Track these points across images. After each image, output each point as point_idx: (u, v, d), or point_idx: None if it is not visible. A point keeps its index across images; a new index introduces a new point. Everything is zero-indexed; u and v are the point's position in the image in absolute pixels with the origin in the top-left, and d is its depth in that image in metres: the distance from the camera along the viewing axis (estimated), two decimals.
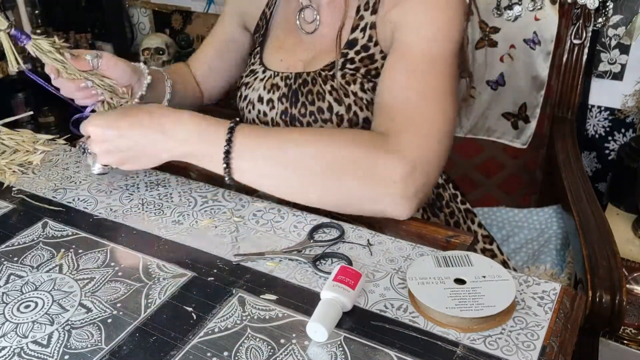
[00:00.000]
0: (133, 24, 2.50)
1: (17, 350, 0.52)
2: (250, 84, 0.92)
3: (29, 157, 0.88)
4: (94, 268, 0.63)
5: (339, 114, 0.83)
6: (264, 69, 0.92)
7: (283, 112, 0.87)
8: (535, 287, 0.57)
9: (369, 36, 0.84)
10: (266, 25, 0.96)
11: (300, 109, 0.85)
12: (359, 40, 0.84)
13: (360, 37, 0.84)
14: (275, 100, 0.88)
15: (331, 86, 0.84)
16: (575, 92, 1.32)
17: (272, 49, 0.94)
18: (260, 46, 0.96)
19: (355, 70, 0.83)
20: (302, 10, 0.90)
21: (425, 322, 0.53)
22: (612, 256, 0.85)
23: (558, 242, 1.11)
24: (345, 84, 0.83)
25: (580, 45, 1.30)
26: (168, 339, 0.53)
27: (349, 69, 0.84)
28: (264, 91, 0.90)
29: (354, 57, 0.84)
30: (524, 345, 0.50)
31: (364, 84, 0.83)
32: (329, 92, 0.84)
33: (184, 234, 0.69)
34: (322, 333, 0.51)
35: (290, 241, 0.67)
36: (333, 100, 0.83)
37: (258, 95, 0.90)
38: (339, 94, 0.83)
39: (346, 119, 0.83)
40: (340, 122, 0.83)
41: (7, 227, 0.72)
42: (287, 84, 0.88)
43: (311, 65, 0.88)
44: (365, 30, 0.84)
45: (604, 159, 1.59)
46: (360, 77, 0.83)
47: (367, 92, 0.83)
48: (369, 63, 0.84)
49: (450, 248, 0.67)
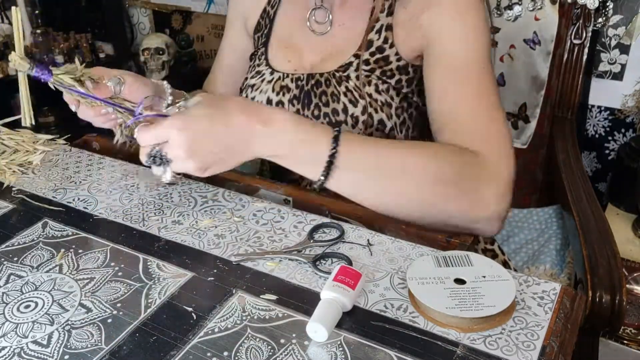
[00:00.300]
0: (133, 24, 2.50)
1: (17, 350, 0.52)
2: (257, 85, 0.91)
3: (29, 157, 0.88)
4: (94, 268, 0.63)
5: (354, 115, 0.83)
6: (272, 71, 0.91)
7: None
8: (535, 287, 0.57)
9: (385, 38, 0.84)
10: (270, 25, 0.95)
11: (314, 111, 0.85)
12: (374, 42, 0.84)
13: (375, 39, 0.84)
14: (285, 102, 0.88)
15: (346, 87, 0.84)
16: (575, 92, 1.32)
17: (278, 48, 0.93)
18: (264, 46, 0.94)
19: (371, 72, 0.84)
20: (314, 10, 0.89)
21: (425, 322, 0.53)
22: (612, 256, 0.85)
23: (558, 242, 1.11)
24: (360, 86, 0.83)
25: (580, 45, 1.30)
26: (168, 339, 0.53)
27: (364, 71, 0.84)
28: (272, 93, 0.89)
29: (369, 59, 0.84)
30: (524, 345, 0.50)
31: (379, 86, 0.83)
32: (343, 93, 0.83)
33: (184, 234, 0.69)
34: (322, 333, 0.51)
35: (290, 241, 0.67)
36: (348, 101, 0.83)
37: (267, 98, 0.89)
38: (354, 96, 0.83)
39: (361, 120, 0.83)
40: (355, 123, 0.83)
41: (7, 227, 0.72)
42: (299, 85, 0.87)
43: (322, 66, 0.87)
44: (380, 32, 0.84)
45: (604, 159, 1.59)
46: (375, 79, 0.83)
47: (381, 93, 0.83)
48: (383, 64, 0.84)
49: (450, 248, 0.67)
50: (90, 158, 0.89)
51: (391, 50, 0.84)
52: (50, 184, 0.82)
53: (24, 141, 0.90)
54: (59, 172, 0.85)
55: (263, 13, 0.96)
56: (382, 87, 0.83)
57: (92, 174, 0.84)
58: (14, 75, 2.19)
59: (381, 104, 0.83)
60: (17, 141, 0.90)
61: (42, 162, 0.88)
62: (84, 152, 0.91)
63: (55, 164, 0.88)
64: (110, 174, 0.84)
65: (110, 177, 0.83)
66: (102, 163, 0.87)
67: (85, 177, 0.84)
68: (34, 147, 0.90)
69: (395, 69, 0.84)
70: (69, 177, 0.84)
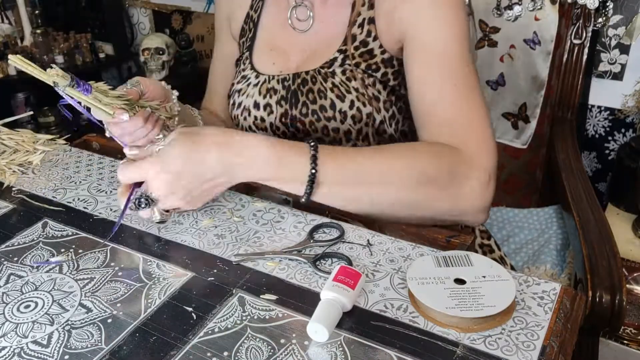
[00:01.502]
0: (133, 24, 2.50)
1: (17, 350, 0.52)
2: (244, 90, 0.91)
3: (29, 157, 0.88)
4: (94, 268, 0.63)
5: (342, 110, 0.83)
6: (257, 74, 0.91)
7: (283, 115, 0.87)
8: (535, 287, 0.57)
9: (368, 31, 0.84)
10: (254, 29, 0.95)
11: (302, 109, 0.85)
12: (357, 36, 0.84)
13: (358, 33, 0.84)
14: (273, 104, 0.88)
15: (332, 83, 0.84)
16: (575, 92, 1.32)
17: (262, 52, 0.93)
18: (248, 50, 0.95)
19: (356, 66, 0.84)
20: (294, 8, 0.89)
21: (425, 322, 0.53)
22: (612, 256, 0.85)
23: (558, 242, 1.11)
24: (346, 80, 0.83)
25: (580, 45, 1.30)
26: (168, 339, 0.53)
27: (348, 65, 0.84)
28: (259, 96, 0.89)
29: (353, 53, 0.84)
30: (524, 345, 0.50)
31: (365, 80, 0.83)
32: (330, 89, 0.84)
33: (184, 234, 0.69)
34: (323, 333, 0.51)
35: (290, 241, 0.67)
36: (335, 97, 0.83)
37: (254, 102, 0.89)
38: (340, 91, 0.83)
39: (350, 115, 0.83)
40: (344, 118, 0.83)
41: (7, 227, 0.72)
42: (285, 85, 0.87)
43: (306, 64, 0.87)
44: (363, 25, 0.84)
45: (604, 159, 1.59)
46: (361, 73, 0.83)
47: (368, 87, 0.83)
48: (368, 58, 0.84)
49: (450, 248, 0.67)
50: (90, 158, 0.89)
51: (375, 43, 0.84)
52: (50, 184, 0.82)
53: (24, 141, 0.91)
54: (59, 172, 0.85)
55: (247, 18, 0.96)
56: (369, 81, 0.83)
57: (92, 174, 0.84)
58: (14, 75, 2.19)
59: (369, 97, 0.83)
60: (17, 141, 0.90)
61: (42, 162, 0.88)
62: (84, 152, 0.91)
63: (55, 164, 0.88)
64: (110, 174, 0.84)
65: (110, 177, 0.83)
66: (102, 163, 0.88)
67: (85, 177, 0.84)
68: (34, 147, 0.90)
69: (381, 62, 0.84)
70: (69, 177, 0.84)
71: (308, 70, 0.86)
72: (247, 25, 0.96)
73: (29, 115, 2.20)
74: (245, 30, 0.96)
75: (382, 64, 0.84)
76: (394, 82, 0.85)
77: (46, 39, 2.29)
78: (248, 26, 0.96)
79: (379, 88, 0.84)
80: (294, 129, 0.87)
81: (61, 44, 2.29)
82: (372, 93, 0.83)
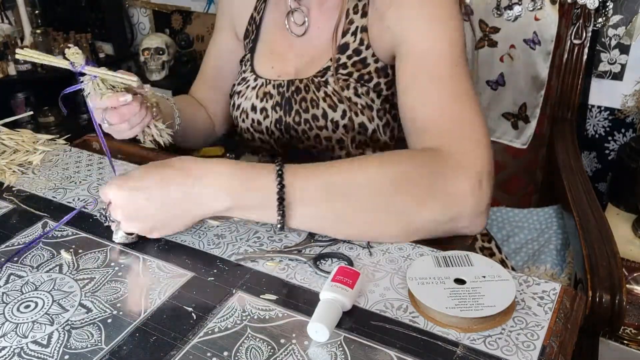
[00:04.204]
0: (133, 24, 2.50)
1: (17, 350, 0.52)
2: (243, 92, 0.92)
3: (29, 157, 0.88)
4: (94, 268, 0.63)
5: (334, 120, 0.83)
6: (255, 77, 0.91)
7: (277, 121, 0.87)
8: (535, 287, 0.57)
9: (360, 39, 0.83)
10: (256, 31, 0.95)
11: (295, 117, 0.85)
12: (350, 45, 0.84)
13: (351, 41, 0.84)
14: (268, 108, 0.88)
15: (325, 92, 0.83)
16: (575, 92, 1.32)
17: (263, 54, 0.93)
18: (250, 52, 0.95)
19: (349, 75, 0.83)
20: (292, 13, 0.89)
21: (425, 322, 0.53)
22: (612, 256, 0.85)
23: (558, 242, 1.11)
24: (339, 90, 0.82)
25: (580, 45, 1.30)
26: (168, 339, 0.53)
27: (341, 74, 0.83)
28: (256, 100, 0.89)
29: (346, 62, 0.84)
30: (524, 345, 0.50)
31: (358, 89, 0.82)
32: (322, 98, 0.83)
33: (184, 234, 0.69)
34: (324, 333, 0.51)
35: (290, 241, 0.67)
36: (327, 106, 0.83)
37: (251, 105, 0.90)
38: (333, 100, 0.83)
39: (342, 124, 0.83)
40: (336, 128, 0.83)
41: (7, 227, 0.72)
42: (280, 92, 0.87)
43: (303, 71, 0.87)
44: (356, 34, 0.83)
45: (604, 159, 1.59)
46: (354, 82, 0.83)
47: (361, 96, 0.83)
48: (361, 67, 0.83)
49: (450, 248, 0.67)
50: (90, 158, 0.89)
51: (367, 52, 0.83)
52: (50, 184, 0.82)
53: (24, 141, 0.91)
54: (59, 172, 0.85)
55: (250, 19, 0.96)
56: (362, 90, 0.82)
57: (92, 174, 0.84)
58: (14, 75, 2.19)
59: (362, 107, 0.82)
60: (17, 141, 0.90)
61: (42, 162, 0.88)
62: (84, 152, 0.91)
63: (55, 164, 0.88)
64: (110, 174, 0.84)
65: (110, 177, 0.83)
66: (102, 163, 0.88)
67: (85, 177, 0.84)
68: (34, 147, 0.90)
69: (374, 72, 0.83)
70: (69, 177, 0.84)
71: (302, 79, 0.86)
72: (251, 27, 0.96)
73: (29, 115, 2.20)
74: (249, 31, 0.97)
75: (375, 73, 0.83)
76: (388, 91, 0.84)
77: (46, 39, 2.29)
78: (252, 27, 0.96)
79: (372, 97, 0.83)
80: (289, 135, 0.87)
81: (61, 44, 2.29)
82: (366, 102, 0.82)
